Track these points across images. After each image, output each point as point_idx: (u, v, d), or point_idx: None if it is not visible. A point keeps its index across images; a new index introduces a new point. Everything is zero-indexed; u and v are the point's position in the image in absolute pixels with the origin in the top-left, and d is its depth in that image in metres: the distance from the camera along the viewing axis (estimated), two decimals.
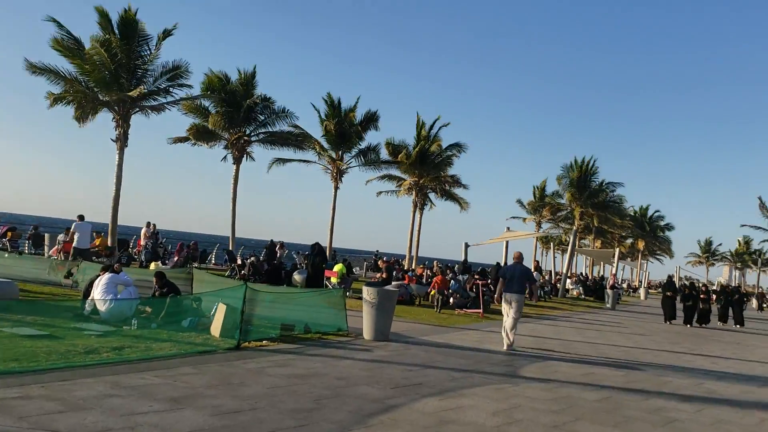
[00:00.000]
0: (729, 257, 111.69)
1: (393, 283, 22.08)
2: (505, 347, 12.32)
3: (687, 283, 26.23)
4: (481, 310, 19.77)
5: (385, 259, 37.22)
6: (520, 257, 13.28)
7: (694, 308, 23.46)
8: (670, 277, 26.03)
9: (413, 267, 37.44)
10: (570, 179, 52.74)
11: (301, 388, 7.29)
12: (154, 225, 27.62)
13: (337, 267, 22.76)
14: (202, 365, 8.19)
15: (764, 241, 67.59)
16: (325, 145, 34.76)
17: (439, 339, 13.04)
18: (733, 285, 49.12)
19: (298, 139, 33.30)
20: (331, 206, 34.68)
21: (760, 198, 67.19)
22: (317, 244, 21.71)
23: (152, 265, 22.56)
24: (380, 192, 41.91)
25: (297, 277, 22.60)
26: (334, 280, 21.99)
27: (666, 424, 7.25)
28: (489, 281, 26.16)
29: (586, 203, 52.93)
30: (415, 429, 5.99)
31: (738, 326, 25.41)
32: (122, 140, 25.82)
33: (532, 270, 35.52)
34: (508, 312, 12.57)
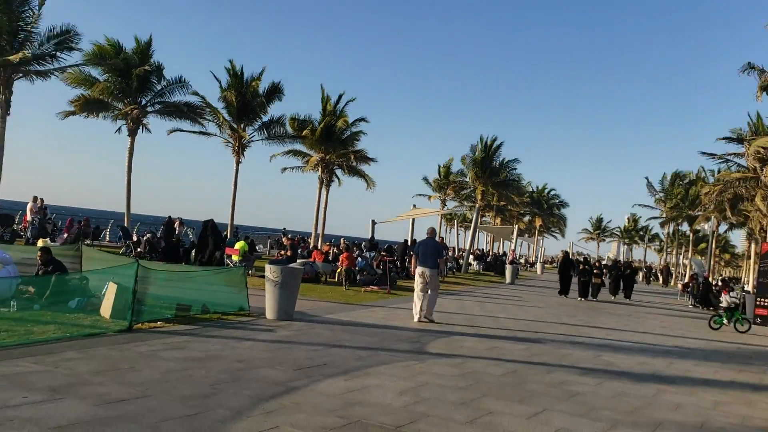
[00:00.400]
0: (618, 233, 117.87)
1: (298, 260, 21.64)
2: (418, 319, 12.84)
3: (581, 258, 27.00)
4: (388, 287, 19.69)
5: (290, 236, 36.60)
6: (432, 233, 13.82)
7: (588, 283, 24.29)
8: (566, 253, 26.83)
9: (319, 244, 37.04)
10: (474, 159, 53.71)
11: (197, 373, 6.82)
12: (42, 200, 25.82)
13: (239, 244, 22.02)
14: (89, 349, 7.54)
15: (651, 218, 71.34)
16: (227, 116, 33.43)
17: (345, 317, 12.77)
18: (623, 260, 51.68)
19: (197, 110, 31.88)
20: (233, 182, 33.57)
21: (647, 178, 70.87)
22: (210, 221, 20.98)
23: (39, 242, 20.99)
24: (285, 168, 40.99)
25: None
26: (235, 257, 21.28)
27: (569, 398, 7.29)
28: (396, 258, 26.19)
29: (488, 182, 54.11)
30: (318, 412, 5.68)
31: (627, 299, 26.67)
32: (4, 108, 23.86)
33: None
34: (421, 286, 13.03)
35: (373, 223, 35.80)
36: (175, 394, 5.87)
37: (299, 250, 27.11)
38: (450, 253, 38.86)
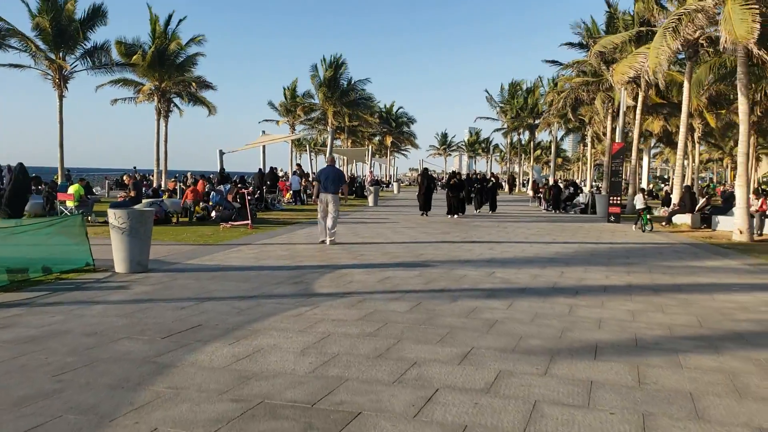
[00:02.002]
0: (463, 147, 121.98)
1: (144, 201, 19.40)
2: (326, 242, 13.93)
3: (450, 173, 26.42)
4: (249, 222, 18.12)
5: (131, 174, 33.43)
6: (332, 161, 15.27)
7: (458, 198, 23.77)
8: (425, 170, 26.20)
9: (163, 181, 34.24)
10: (321, 79, 51.81)
11: (33, 359, 5.17)
12: None
13: (73, 188, 19.35)
14: None
15: (495, 130, 73.62)
16: (42, 45, 29.15)
17: (210, 261, 11.21)
18: (482, 172, 52.92)
19: (1, 39, 27.42)
20: (58, 119, 29.66)
21: (487, 91, 72.71)
22: (20, 164, 18.21)
23: None
24: (116, 99, 37.02)
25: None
26: (70, 203, 18.67)
27: (489, 328, 6.45)
28: (251, 189, 24.48)
29: (339, 102, 52.66)
30: (206, 397, 4.33)
31: (491, 212, 26.87)
32: None
33: (297, 173, 34.51)
34: (325, 211, 14.05)
35: (221, 153, 33.45)
36: (2, 397, 4.26)
37: (143, 189, 24.61)
38: (309, 180, 37.50)
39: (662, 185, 68.71)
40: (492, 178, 28.37)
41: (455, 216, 23.47)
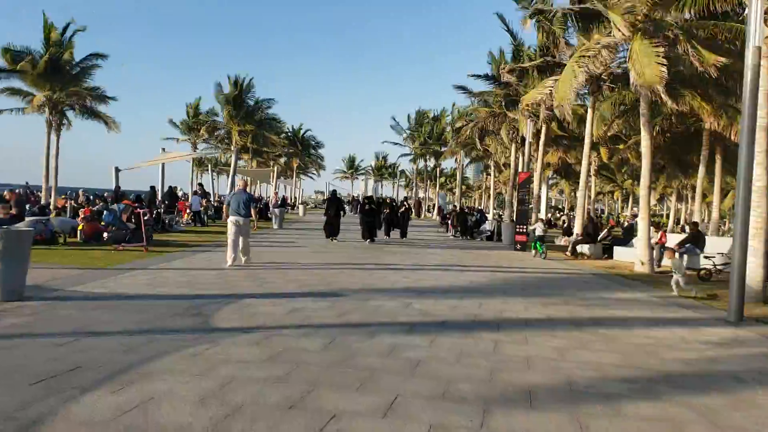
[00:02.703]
0: (370, 171, 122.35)
1: (27, 219, 17.72)
2: (234, 263, 13.86)
3: (367, 197, 25.59)
4: (144, 244, 16.84)
5: (15, 189, 30.89)
6: (245, 185, 15.30)
7: (373, 223, 23.14)
8: (334, 192, 25.47)
9: (52, 198, 31.91)
10: (226, 97, 50.38)
11: None
12: None
13: None
14: None
15: (403, 155, 74.01)
16: None
17: (98, 288, 10.07)
18: (389, 197, 52.78)
19: None
20: None
21: (393, 118, 73.29)
22: None
23: None
24: (2, 110, 34.29)
25: None
26: None
27: (413, 370, 5.87)
28: (145, 209, 22.99)
29: (244, 122, 51.33)
30: None
31: (402, 238, 26.32)
32: None
33: (198, 193, 33.04)
34: (237, 234, 14.04)
35: (117, 170, 31.55)
36: None
37: (28, 206, 22.64)
38: (210, 201, 36.04)
39: (558, 214, 71.28)
40: (404, 203, 27.79)
41: (367, 241, 22.83)
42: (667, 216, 63.07)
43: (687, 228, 31.90)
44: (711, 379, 6.17)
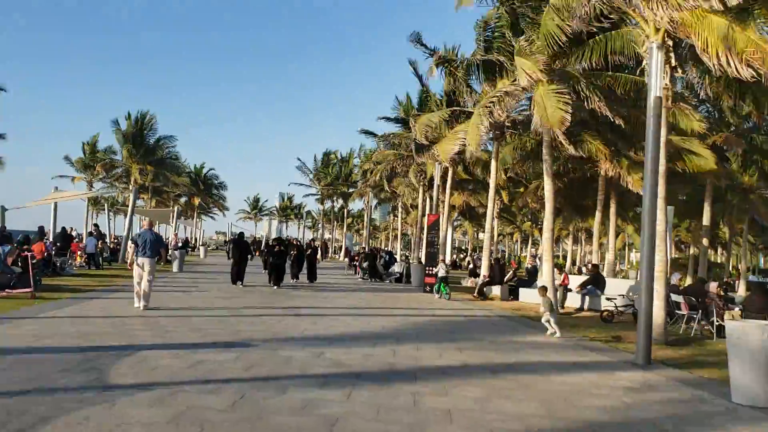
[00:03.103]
0: (274, 212, 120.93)
1: None
2: (141, 307, 13.61)
3: (276, 239, 24.65)
4: (32, 290, 15.54)
5: None
6: (150, 224, 14.86)
7: (283, 266, 22.12)
8: (241, 235, 24.50)
9: None
10: (125, 134, 48.55)
11: None
12: None
13: None
14: None
15: (308, 195, 73.50)
16: None
17: None
18: (295, 238, 52.02)
19: None
20: None
21: (299, 159, 72.98)
22: None
23: None
24: None
25: None
26: None
27: (330, 427, 5.50)
28: (27, 251, 21.38)
29: (144, 160, 49.55)
30: None
31: (310, 281, 25.26)
32: None
33: (94, 234, 31.26)
34: (142, 276, 13.80)
35: (3, 210, 29.48)
36: None
37: None
38: (106, 242, 34.22)
39: (462, 255, 72.64)
40: (311, 245, 26.98)
41: (275, 287, 21.76)
42: (564, 257, 65.59)
43: (584, 269, 33.15)
44: (633, 428, 6.13)
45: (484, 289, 22.68)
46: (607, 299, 17.88)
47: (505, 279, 23.17)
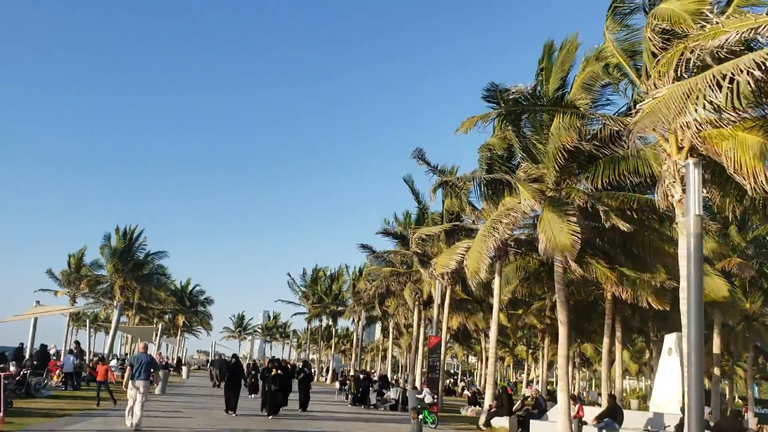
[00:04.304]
0: (259, 331, 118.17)
1: None
2: (131, 425, 13.76)
3: (274, 361, 22.28)
4: (1, 414, 14.03)
5: None
6: (145, 347, 15.11)
7: (278, 393, 19.59)
8: (235, 358, 22.96)
9: None
10: (114, 249, 47.68)
11: None
12: None
13: None
14: None
15: (296, 313, 71.58)
16: None
17: None
18: (284, 359, 50.04)
19: None
20: None
21: (289, 274, 72.11)
22: None
23: None
24: None
25: None
26: None
27: None
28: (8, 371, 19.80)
29: (131, 276, 48.39)
30: None
31: (302, 409, 22.68)
32: None
33: (74, 352, 29.68)
34: (135, 397, 13.90)
35: None
36: None
37: None
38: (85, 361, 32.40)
39: (453, 379, 70.18)
40: (304, 369, 24.83)
41: (270, 416, 19.38)
42: (555, 383, 63.43)
43: (585, 395, 31.55)
44: None
45: (492, 420, 21.14)
46: None
47: (514, 409, 21.65)
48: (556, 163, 16.67)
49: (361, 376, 32.05)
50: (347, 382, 33.91)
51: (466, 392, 45.08)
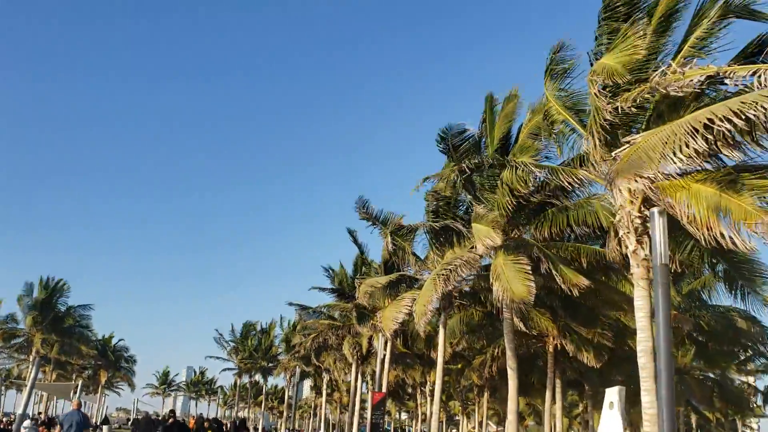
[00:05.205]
0: (184, 387, 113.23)
1: None
2: None
3: (210, 418, 21.47)
4: None
5: None
6: (79, 405, 14.80)
7: None
8: (172, 413, 21.54)
9: None
10: (34, 301, 44.86)
11: None
12: None
13: None
14: None
15: (225, 369, 68.83)
16: None
17: None
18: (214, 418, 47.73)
19: None
20: None
21: (217, 330, 69.68)
22: None
23: None
24: None
25: None
26: None
27: None
28: None
29: (49, 328, 45.53)
30: None
31: None
32: None
33: None
34: None
35: None
36: None
37: None
38: None
39: None
40: (239, 426, 23.48)
41: None
42: None
43: None
44: None
45: None
46: None
47: None
48: (505, 213, 16.60)
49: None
50: None
51: None
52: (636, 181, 11.87)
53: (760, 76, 9.06)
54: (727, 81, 9.84)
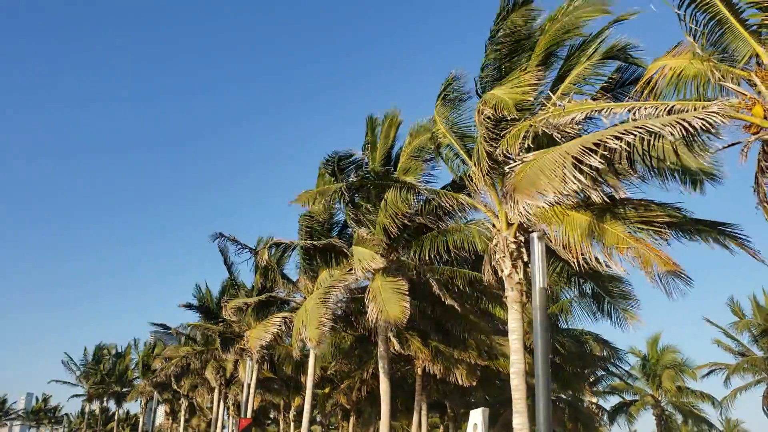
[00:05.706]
0: (23, 416, 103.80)
1: None
2: None
3: None
4: None
5: None
6: None
7: None
8: None
9: None
10: None
11: None
12: None
13: None
14: None
15: (74, 396, 63.71)
16: None
17: None
18: None
19: None
20: None
21: (66, 353, 64.72)
22: None
23: None
24: None
25: None
26: None
27: None
28: None
29: None
30: None
31: None
32: None
33: None
34: None
35: None
36: None
37: None
38: None
39: None
40: None
41: None
42: None
43: None
44: None
45: None
46: None
47: None
48: (385, 235, 16.62)
49: None
50: None
51: None
52: (514, 207, 12.25)
53: (635, 114, 9.62)
54: (603, 118, 10.32)
